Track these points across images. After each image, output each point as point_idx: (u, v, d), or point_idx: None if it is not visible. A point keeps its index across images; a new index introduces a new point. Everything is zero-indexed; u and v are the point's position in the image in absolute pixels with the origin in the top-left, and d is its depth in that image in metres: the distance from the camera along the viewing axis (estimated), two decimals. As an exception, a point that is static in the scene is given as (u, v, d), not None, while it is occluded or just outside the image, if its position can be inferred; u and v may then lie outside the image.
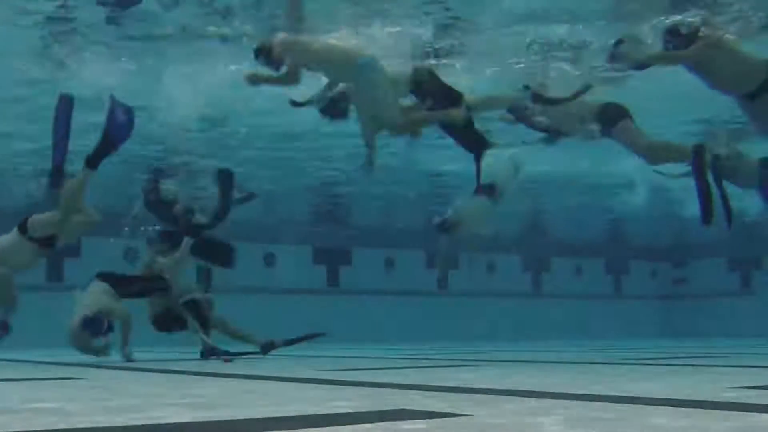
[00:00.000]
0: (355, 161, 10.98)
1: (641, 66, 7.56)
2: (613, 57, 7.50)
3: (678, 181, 8.84)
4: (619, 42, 7.46)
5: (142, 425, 2.75)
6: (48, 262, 14.13)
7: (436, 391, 3.96)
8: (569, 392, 3.75)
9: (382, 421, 2.74)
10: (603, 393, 3.72)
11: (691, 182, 7.92)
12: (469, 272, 18.70)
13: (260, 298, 17.37)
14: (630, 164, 11.12)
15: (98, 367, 6.97)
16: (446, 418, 2.76)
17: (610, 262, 23.55)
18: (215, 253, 9.55)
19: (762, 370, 5.81)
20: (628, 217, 19.18)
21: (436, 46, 9.48)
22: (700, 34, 7.19)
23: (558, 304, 21.23)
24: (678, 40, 7.21)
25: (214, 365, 6.99)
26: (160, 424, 2.77)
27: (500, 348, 11.60)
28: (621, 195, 16.37)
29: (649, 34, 8.19)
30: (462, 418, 2.77)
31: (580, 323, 20.44)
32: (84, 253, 15.27)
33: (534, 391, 3.84)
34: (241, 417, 2.94)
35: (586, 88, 8.05)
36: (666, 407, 3.06)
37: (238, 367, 6.74)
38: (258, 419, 2.87)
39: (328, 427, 2.61)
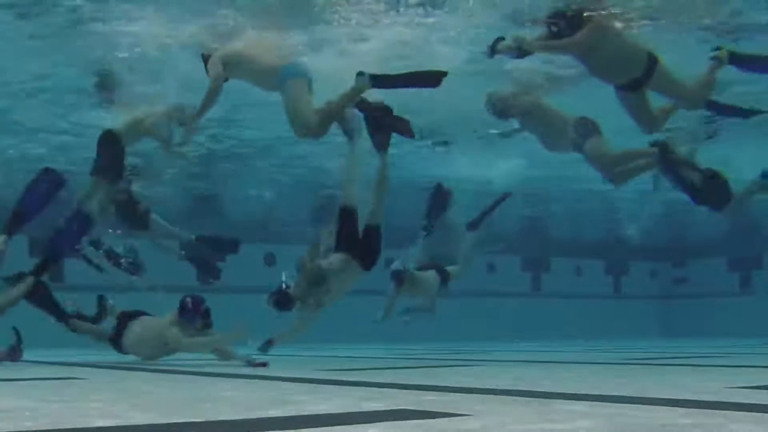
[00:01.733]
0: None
1: (522, 54, 6.99)
2: (492, 51, 6.94)
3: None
4: (499, 39, 6.87)
5: (142, 425, 2.75)
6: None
7: (436, 391, 3.96)
8: (569, 392, 3.76)
9: (382, 421, 2.74)
10: (603, 393, 3.73)
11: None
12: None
13: (260, 298, 17.31)
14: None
15: (98, 367, 6.98)
16: (446, 418, 2.76)
17: (610, 262, 23.53)
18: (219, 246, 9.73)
19: (762, 370, 5.81)
20: (627, 217, 19.15)
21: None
22: (585, 16, 6.66)
23: (558, 304, 21.22)
24: (562, 25, 6.64)
25: (214, 366, 6.98)
26: (159, 424, 2.77)
27: (500, 348, 11.61)
28: (621, 195, 16.35)
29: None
30: (462, 418, 2.77)
31: (580, 323, 20.42)
32: (84, 253, 15.26)
33: (534, 391, 3.84)
34: (241, 417, 2.94)
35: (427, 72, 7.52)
36: (666, 407, 3.06)
37: (238, 367, 6.73)
38: (258, 419, 2.87)
39: (328, 427, 2.61)
